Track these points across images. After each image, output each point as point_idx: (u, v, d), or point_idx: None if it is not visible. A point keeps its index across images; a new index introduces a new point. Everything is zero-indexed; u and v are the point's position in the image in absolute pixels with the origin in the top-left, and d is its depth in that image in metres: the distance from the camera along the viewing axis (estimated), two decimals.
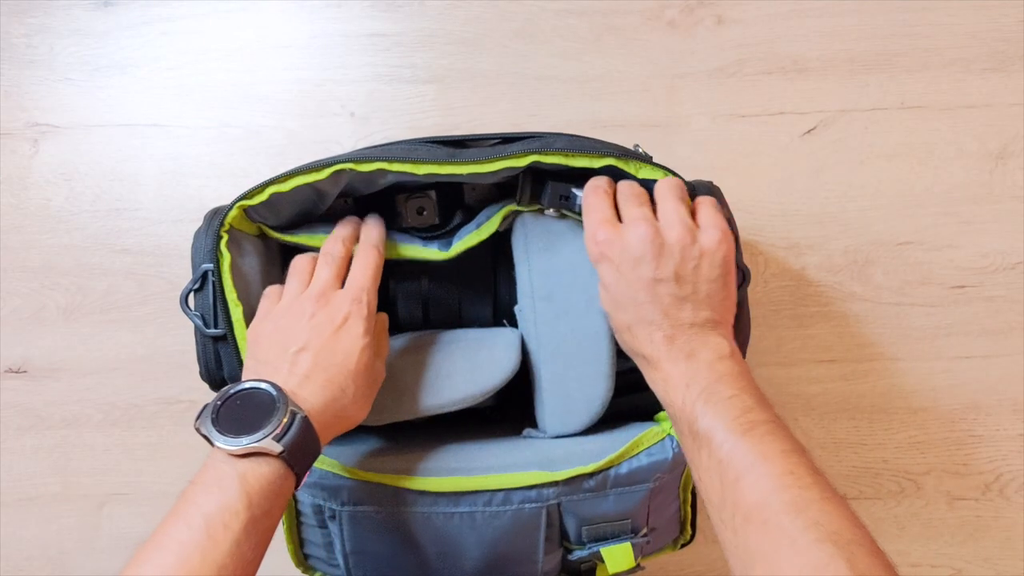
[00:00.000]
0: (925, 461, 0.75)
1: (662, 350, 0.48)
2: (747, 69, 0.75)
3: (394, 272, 0.58)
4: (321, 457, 0.52)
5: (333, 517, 0.53)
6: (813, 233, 0.74)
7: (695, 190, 0.53)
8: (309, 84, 0.75)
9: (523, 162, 0.52)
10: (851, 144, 0.75)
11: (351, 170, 0.52)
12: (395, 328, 0.60)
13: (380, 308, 0.61)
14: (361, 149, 0.55)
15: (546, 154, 0.51)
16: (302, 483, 0.47)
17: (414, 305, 0.60)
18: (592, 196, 0.52)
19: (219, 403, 0.45)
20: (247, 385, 0.46)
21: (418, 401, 0.54)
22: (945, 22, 0.75)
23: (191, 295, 0.53)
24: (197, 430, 0.45)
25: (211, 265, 0.52)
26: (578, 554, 0.54)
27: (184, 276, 0.53)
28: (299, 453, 0.45)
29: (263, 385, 0.46)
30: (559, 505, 0.52)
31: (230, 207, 0.52)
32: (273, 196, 0.52)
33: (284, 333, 0.49)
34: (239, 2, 0.75)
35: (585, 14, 0.75)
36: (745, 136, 0.74)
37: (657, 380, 0.49)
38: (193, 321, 0.53)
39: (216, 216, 0.53)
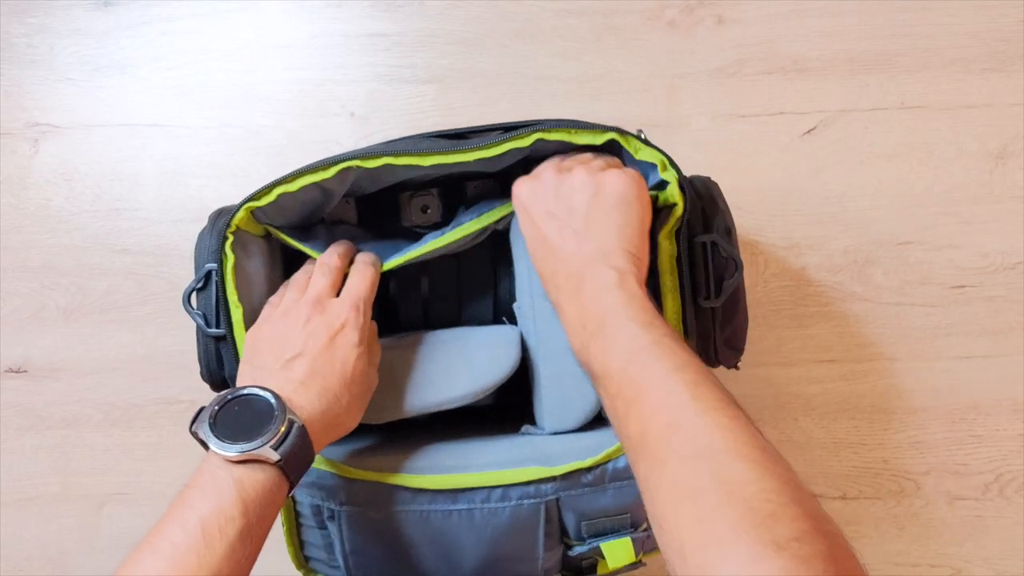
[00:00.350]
0: (925, 461, 0.75)
1: (562, 292, 0.47)
2: (747, 69, 0.75)
3: (395, 273, 0.58)
4: (319, 457, 0.52)
5: (332, 517, 0.53)
6: (813, 233, 0.74)
7: (690, 182, 0.53)
8: (309, 84, 0.75)
9: (528, 141, 0.52)
10: (851, 144, 0.75)
11: (358, 167, 0.52)
12: (396, 328, 0.60)
13: (381, 308, 0.61)
14: (366, 146, 0.55)
15: (550, 132, 0.52)
16: (296, 486, 0.47)
17: (414, 305, 0.60)
18: (544, 164, 0.53)
19: (217, 408, 0.45)
20: (246, 391, 0.45)
21: (418, 399, 0.54)
22: (945, 22, 0.75)
23: (194, 294, 0.53)
24: (194, 434, 0.44)
25: (215, 265, 0.52)
26: (578, 550, 0.54)
27: (184, 276, 0.53)
28: (295, 461, 0.44)
29: (262, 392, 0.45)
30: (558, 500, 0.52)
31: (237, 208, 0.52)
32: (281, 196, 0.52)
33: (281, 338, 0.49)
34: (239, 2, 0.75)
35: (585, 14, 0.75)
36: (745, 136, 0.74)
37: (564, 325, 0.48)
38: (195, 320, 0.53)
39: (222, 216, 0.53)
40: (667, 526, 0.36)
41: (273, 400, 0.45)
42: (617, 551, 0.53)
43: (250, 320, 0.52)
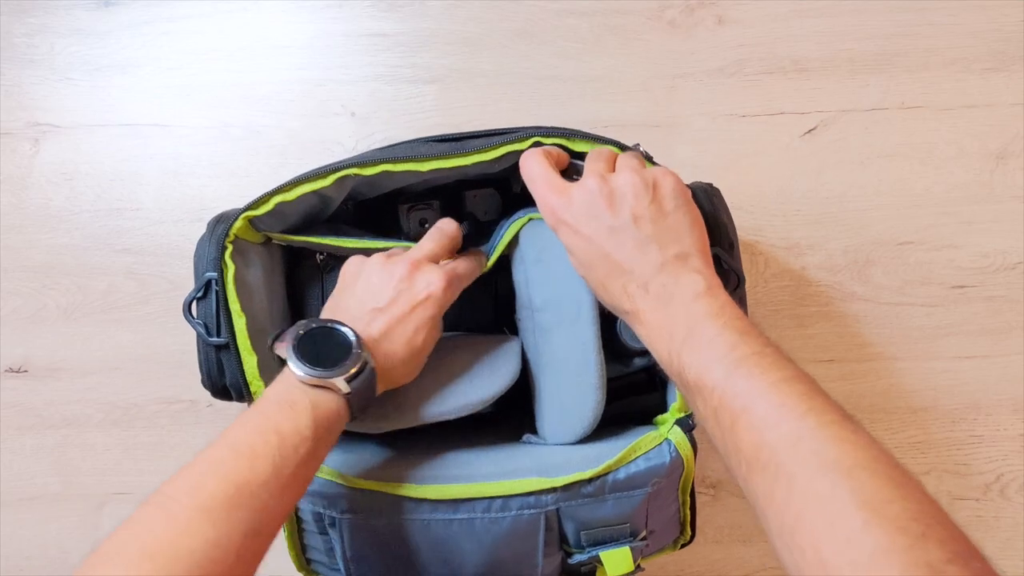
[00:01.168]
0: (925, 461, 0.75)
1: (639, 301, 0.46)
2: (747, 69, 0.75)
3: None
4: (322, 466, 0.52)
5: (333, 525, 0.53)
6: (813, 233, 0.74)
7: (693, 193, 0.53)
8: (310, 84, 0.75)
9: (526, 145, 0.52)
10: (851, 144, 0.75)
11: (356, 175, 0.52)
12: None
13: None
14: (364, 153, 0.55)
15: (549, 136, 0.52)
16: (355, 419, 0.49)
17: None
18: (531, 162, 0.50)
19: (302, 332, 0.47)
20: (331, 324, 0.48)
21: (420, 409, 0.54)
22: (945, 22, 0.75)
23: (194, 303, 0.53)
24: (274, 352, 0.47)
25: (215, 274, 0.51)
26: (577, 558, 0.54)
27: (185, 275, 0.53)
28: (359, 398, 0.47)
29: (345, 329, 0.48)
30: (558, 510, 0.52)
31: (235, 218, 0.52)
32: (278, 205, 0.52)
33: (373, 287, 0.51)
34: (240, 2, 0.75)
35: (585, 14, 0.75)
36: (745, 136, 0.74)
37: (643, 335, 0.46)
38: (196, 329, 0.52)
39: (220, 224, 0.52)
40: (802, 543, 0.34)
41: (353, 338, 0.48)
42: (616, 560, 0.53)
43: (252, 329, 0.52)
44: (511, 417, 0.60)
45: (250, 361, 0.51)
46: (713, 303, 0.43)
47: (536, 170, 0.49)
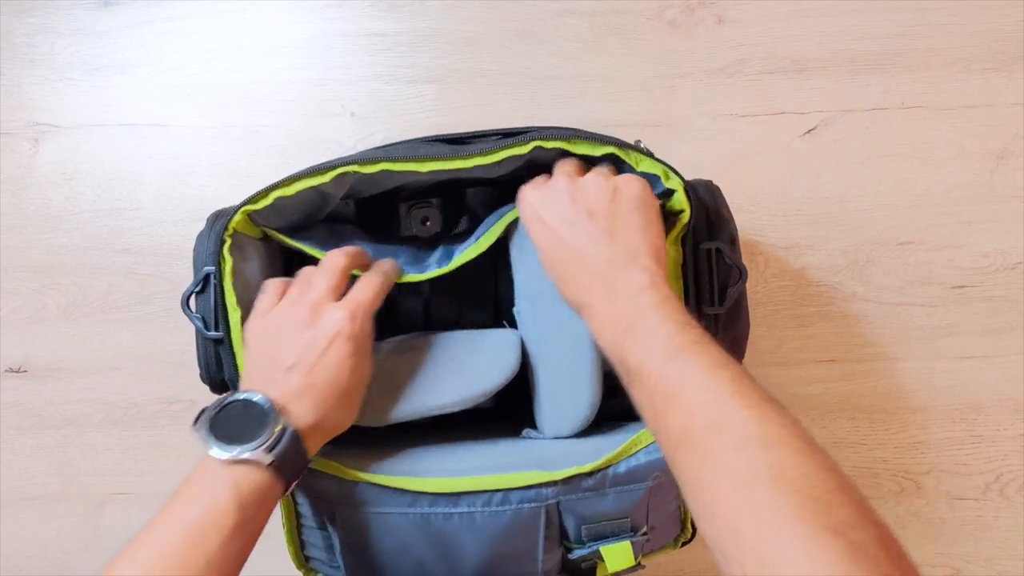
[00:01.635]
0: (925, 461, 0.75)
1: (592, 294, 0.48)
2: (747, 69, 0.75)
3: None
4: (320, 459, 0.52)
5: (333, 519, 0.53)
6: (813, 233, 0.74)
7: (695, 189, 0.53)
8: (310, 84, 0.75)
9: (526, 149, 0.52)
10: (852, 144, 0.75)
11: (355, 172, 0.52)
12: (396, 331, 0.60)
13: (381, 310, 0.61)
14: (364, 151, 0.55)
15: (549, 140, 0.52)
16: (292, 488, 0.49)
17: (415, 308, 0.60)
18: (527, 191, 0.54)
19: (216, 411, 0.47)
20: (243, 396, 0.47)
21: (419, 402, 0.54)
22: (945, 22, 0.75)
23: (192, 297, 0.53)
24: (194, 434, 0.46)
25: (213, 268, 0.52)
26: (578, 553, 0.54)
27: (185, 276, 0.53)
28: (288, 464, 0.47)
29: (257, 397, 0.47)
30: (558, 504, 0.52)
31: (234, 212, 0.52)
32: (278, 200, 0.52)
33: (279, 344, 0.50)
34: (240, 2, 0.75)
35: (585, 14, 0.75)
36: (745, 136, 0.74)
37: (594, 328, 0.48)
38: (194, 323, 0.53)
39: (219, 219, 0.52)
40: (719, 513, 0.37)
41: (267, 405, 0.47)
42: (617, 554, 0.53)
43: None
44: (511, 411, 0.60)
45: (244, 355, 0.51)
46: (655, 296, 0.46)
47: (552, 178, 0.53)
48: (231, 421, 0.46)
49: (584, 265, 0.49)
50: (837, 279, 0.75)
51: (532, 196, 0.52)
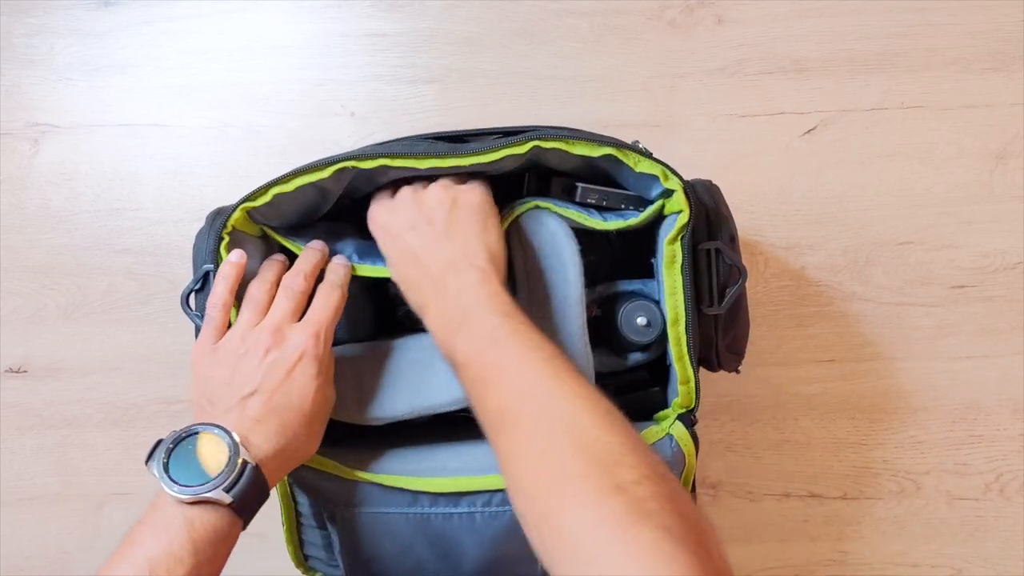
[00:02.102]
0: (925, 461, 0.75)
1: (428, 294, 0.50)
2: (747, 69, 0.75)
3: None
4: (320, 458, 0.52)
5: (332, 518, 0.53)
6: (813, 233, 0.74)
7: (694, 189, 0.53)
8: (310, 84, 0.75)
9: (524, 148, 0.51)
10: (851, 144, 0.75)
11: (354, 168, 0.52)
12: (396, 331, 0.60)
13: (381, 310, 0.61)
14: (363, 147, 0.55)
15: (547, 140, 0.51)
16: (249, 522, 0.46)
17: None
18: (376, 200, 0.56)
19: (171, 446, 0.45)
20: (200, 429, 0.45)
21: (418, 401, 0.54)
22: (945, 22, 0.75)
23: (192, 295, 0.53)
24: (149, 470, 0.44)
25: (212, 266, 0.52)
26: None
27: (185, 276, 0.53)
28: (248, 502, 0.44)
29: (215, 431, 0.45)
30: None
31: (233, 209, 0.52)
32: (276, 197, 0.52)
33: (236, 371, 0.48)
34: (240, 2, 0.75)
35: (585, 14, 0.75)
36: (745, 136, 0.74)
37: (430, 325, 0.50)
38: (193, 321, 0.53)
39: (219, 217, 0.52)
40: (523, 485, 0.40)
41: (227, 440, 0.45)
42: None
43: None
44: None
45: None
46: (483, 291, 0.48)
47: (378, 200, 0.55)
48: (188, 456, 0.44)
49: (422, 268, 0.51)
50: (837, 279, 0.75)
51: (378, 209, 0.54)
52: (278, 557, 0.57)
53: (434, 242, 0.51)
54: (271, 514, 0.55)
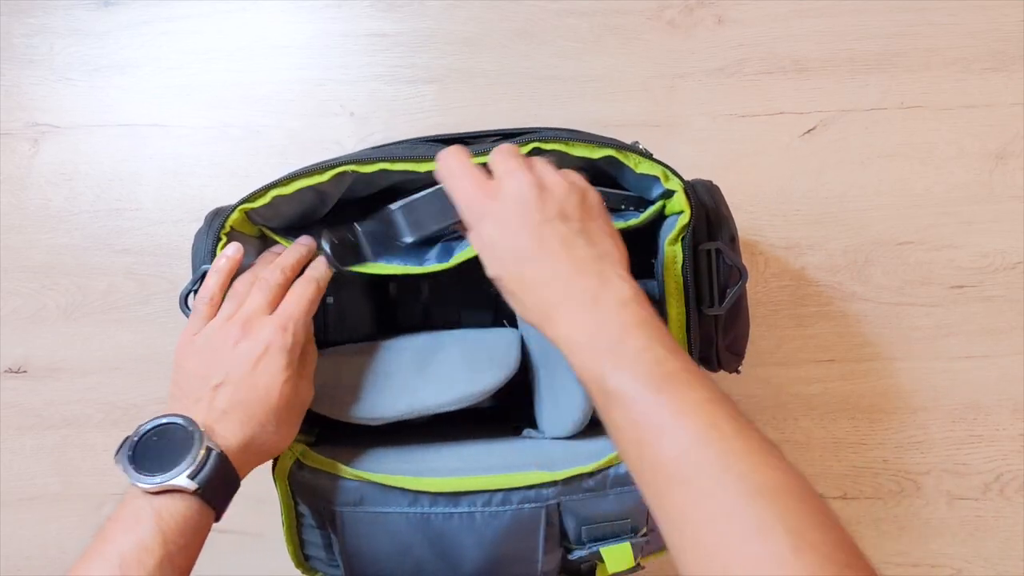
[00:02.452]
0: (925, 461, 0.75)
1: (559, 301, 0.44)
2: (747, 69, 0.75)
3: (395, 276, 0.58)
4: (320, 458, 0.52)
5: (332, 517, 0.53)
6: (813, 233, 0.74)
7: (695, 189, 0.53)
8: (310, 84, 0.75)
9: (524, 150, 0.51)
10: (851, 144, 0.75)
11: (353, 172, 0.52)
12: (396, 330, 0.60)
13: (381, 311, 0.61)
14: (362, 150, 0.55)
15: (546, 142, 0.51)
16: (223, 513, 0.46)
17: (415, 309, 0.60)
18: (451, 160, 0.48)
19: (136, 439, 0.45)
20: (163, 420, 0.45)
21: (418, 400, 0.54)
22: (945, 22, 0.75)
23: (190, 296, 0.53)
24: (117, 464, 0.44)
25: (210, 267, 0.52)
26: (578, 554, 0.54)
27: (185, 276, 0.53)
28: (216, 490, 0.44)
29: (179, 420, 0.45)
30: (559, 505, 0.52)
31: (232, 209, 0.52)
32: (275, 199, 0.52)
33: (207, 362, 0.48)
34: (240, 2, 0.75)
35: (585, 14, 0.75)
36: (745, 136, 0.74)
37: (560, 335, 0.44)
38: None
39: (217, 217, 0.53)
40: (717, 556, 0.36)
41: (190, 428, 0.45)
42: (617, 556, 0.53)
43: None
44: (511, 411, 0.60)
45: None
46: (640, 312, 0.43)
47: (457, 167, 0.48)
48: (152, 449, 0.44)
49: (554, 272, 0.44)
50: (837, 279, 0.75)
51: (482, 195, 0.46)
52: (278, 557, 0.57)
53: (568, 240, 0.45)
54: (271, 514, 0.55)
